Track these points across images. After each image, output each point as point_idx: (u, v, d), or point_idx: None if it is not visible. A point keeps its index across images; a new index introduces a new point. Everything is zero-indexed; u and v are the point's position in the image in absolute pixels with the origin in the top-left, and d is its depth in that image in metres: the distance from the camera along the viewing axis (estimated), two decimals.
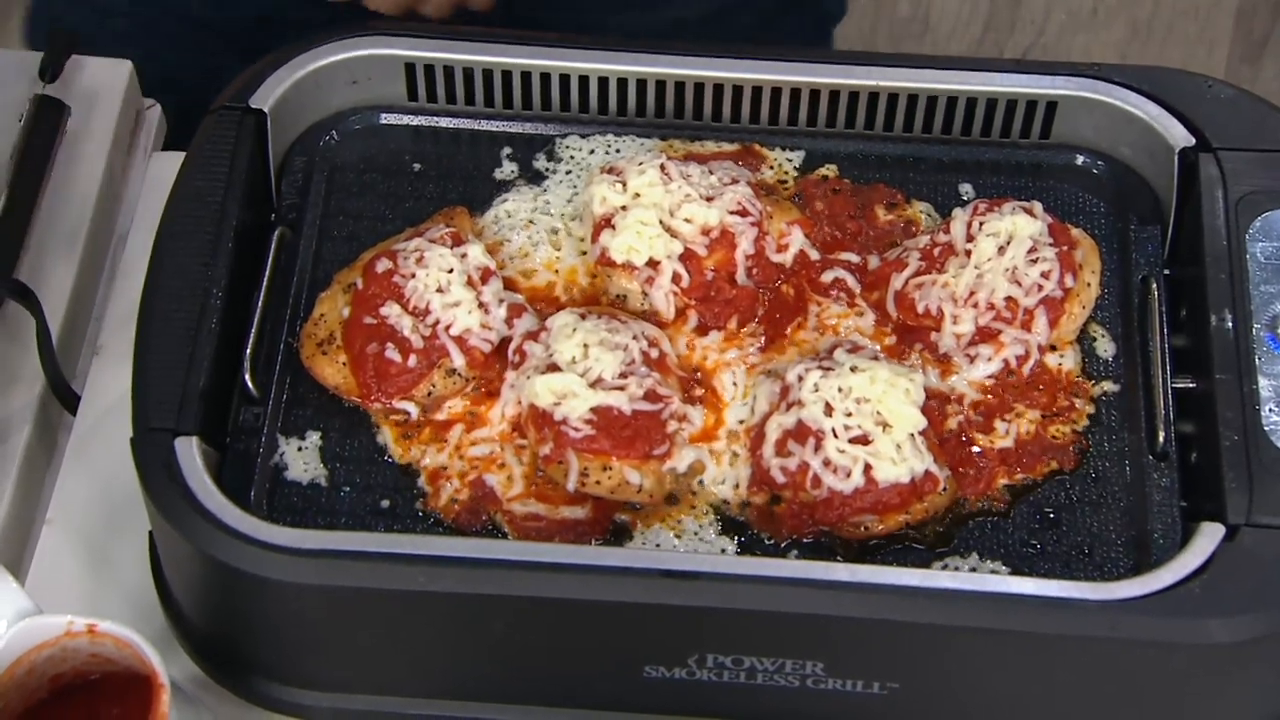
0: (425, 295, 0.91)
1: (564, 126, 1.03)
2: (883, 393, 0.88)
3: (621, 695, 0.90)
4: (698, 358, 0.95)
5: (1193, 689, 0.86)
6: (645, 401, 0.89)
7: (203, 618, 0.92)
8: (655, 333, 0.93)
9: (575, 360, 0.90)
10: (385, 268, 0.93)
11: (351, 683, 0.91)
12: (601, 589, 0.83)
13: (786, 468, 0.88)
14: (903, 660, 0.86)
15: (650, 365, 0.91)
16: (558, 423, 0.88)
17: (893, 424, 0.88)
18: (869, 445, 0.87)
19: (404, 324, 0.91)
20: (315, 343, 0.93)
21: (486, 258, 0.94)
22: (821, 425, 0.88)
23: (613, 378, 0.89)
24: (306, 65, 1.00)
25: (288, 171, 1.01)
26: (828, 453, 0.87)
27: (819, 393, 0.89)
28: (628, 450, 0.88)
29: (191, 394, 0.88)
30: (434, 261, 0.92)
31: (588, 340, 0.90)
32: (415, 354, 0.90)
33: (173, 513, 0.85)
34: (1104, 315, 0.96)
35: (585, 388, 0.89)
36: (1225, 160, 0.95)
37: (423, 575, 0.83)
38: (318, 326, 0.93)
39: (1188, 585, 0.82)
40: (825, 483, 0.87)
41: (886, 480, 0.87)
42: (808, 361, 0.91)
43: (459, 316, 0.91)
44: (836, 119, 1.02)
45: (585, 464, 0.88)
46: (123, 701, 0.84)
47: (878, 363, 0.91)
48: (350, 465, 0.92)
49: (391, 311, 0.91)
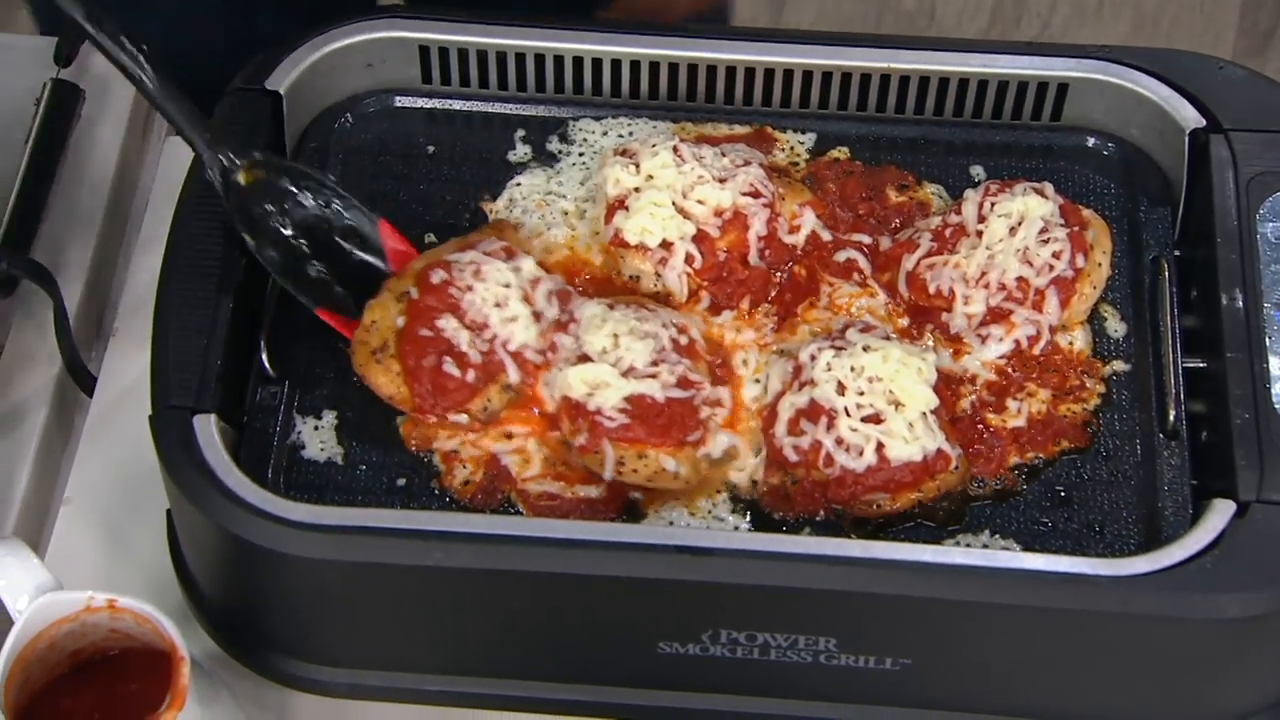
0: (483, 309, 0.90)
1: (577, 109, 1.03)
2: (895, 371, 0.89)
3: (636, 671, 0.90)
4: (714, 337, 0.95)
5: (1204, 664, 0.86)
6: (678, 388, 0.89)
7: (220, 594, 0.92)
8: (684, 320, 0.93)
9: (606, 350, 0.89)
10: (441, 279, 0.91)
11: (367, 658, 0.91)
12: (615, 565, 0.84)
13: (799, 446, 0.88)
14: (915, 636, 0.86)
15: (680, 352, 0.91)
16: (592, 413, 0.88)
17: (905, 403, 0.88)
18: (881, 424, 0.88)
19: (461, 338, 0.89)
20: (369, 350, 0.90)
21: (539, 270, 0.93)
22: (834, 404, 0.88)
23: (644, 366, 0.89)
24: (322, 48, 1.00)
25: (303, 154, 1.01)
26: (840, 431, 0.87)
27: (831, 372, 0.89)
28: (663, 438, 0.88)
29: (210, 373, 0.88)
30: (491, 275, 0.91)
31: (617, 330, 0.90)
32: (473, 368, 0.89)
33: (191, 489, 0.85)
34: (1115, 295, 0.96)
35: (618, 377, 0.88)
36: (1236, 141, 0.95)
37: (438, 551, 0.84)
38: (370, 334, 0.91)
39: (1199, 561, 0.82)
40: (838, 461, 0.87)
41: (899, 459, 0.87)
42: (820, 341, 0.91)
43: (516, 332, 0.90)
44: (848, 101, 1.02)
45: (621, 453, 0.88)
46: (142, 677, 0.84)
47: (890, 342, 0.91)
48: (366, 444, 0.92)
49: (449, 325, 0.89)
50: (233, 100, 0.97)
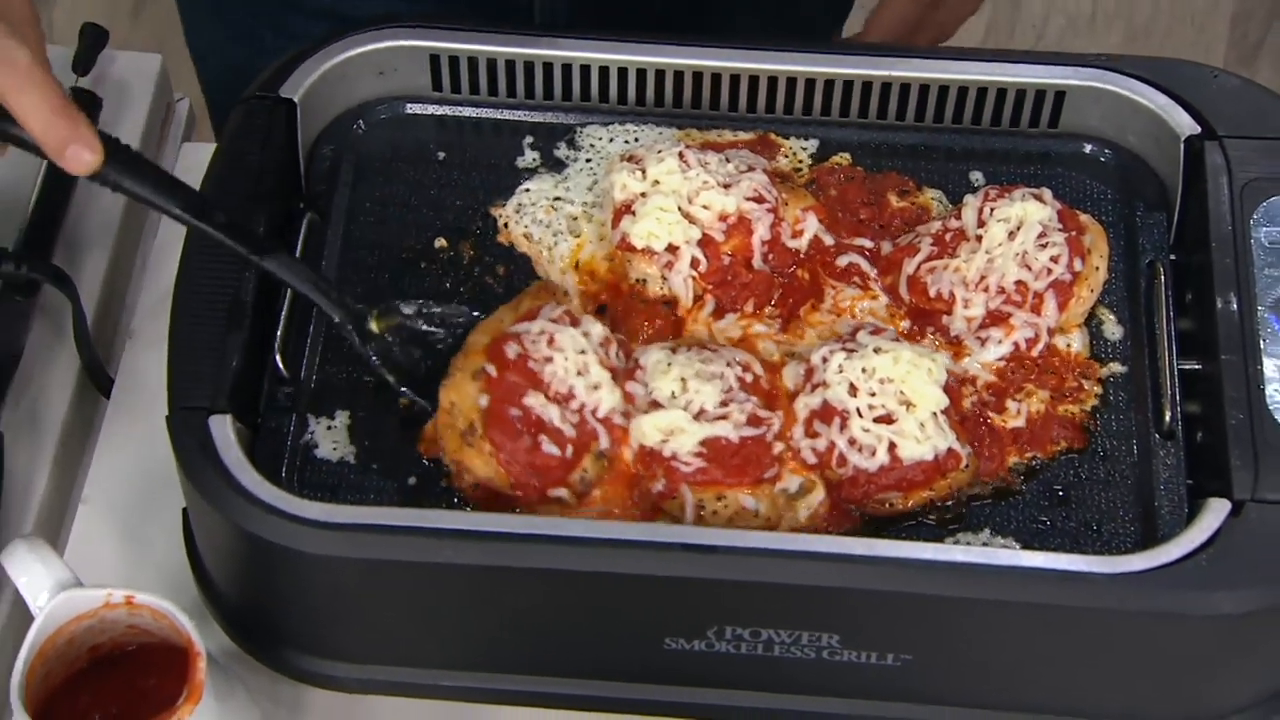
0: (567, 380, 0.88)
1: (584, 116, 1.03)
2: (906, 373, 0.89)
3: (642, 667, 0.90)
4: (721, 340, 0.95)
5: (1199, 660, 0.86)
6: (749, 426, 0.88)
7: (235, 591, 0.92)
8: (746, 357, 0.92)
9: (675, 395, 0.88)
10: (516, 353, 0.88)
11: (379, 654, 0.91)
12: (622, 562, 0.84)
13: (816, 448, 0.88)
14: (917, 632, 0.86)
15: (747, 389, 0.90)
16: (667, 459, 0.87)
17: (916, 403, 0.88)
18: (893, 424, 0.88)
19: (551, 413, 0.87)
20: (457, 434, 0.88)
21: (605, 329, 0.91)
22: (846, 405, 0.88)
23: (715, 407, 0.88)
24: (335, 56, 1.00)
25: (316, 159, 1.02)
26: (853, 432, 0.87)
27: (843, 374, 0.89)
28: (740, 477, 0.87)
29: (225, 374, 0.88)
30: (567, 344, 0.89)
31: (684, 374, 0.89)
32: (570, 443, 0.87)
33: (207, 488, 0.85)
34: (1111, 299, 0.97)
35: (690, 421, 0.87)
36: (1230, 148, 0.95)
37: (449, 548, 0.84)
38: (453, 417, 0.88)
39: (1194, 559, 0.82)
40: (851, 461, 0.87)
41: (911, 458, 0.87)
42: (832, 343, 0.91)
43: (604, 398, 0.88)
44: (850, 108, 1.03)
45: (700, 496, 0.87)
46: (159, 672, 0.85)
47: (900, 344, 0.91)
48: (378, 444, 0.92)
49: (536, 402, 0.87)
50: (248, 107, 0.98)
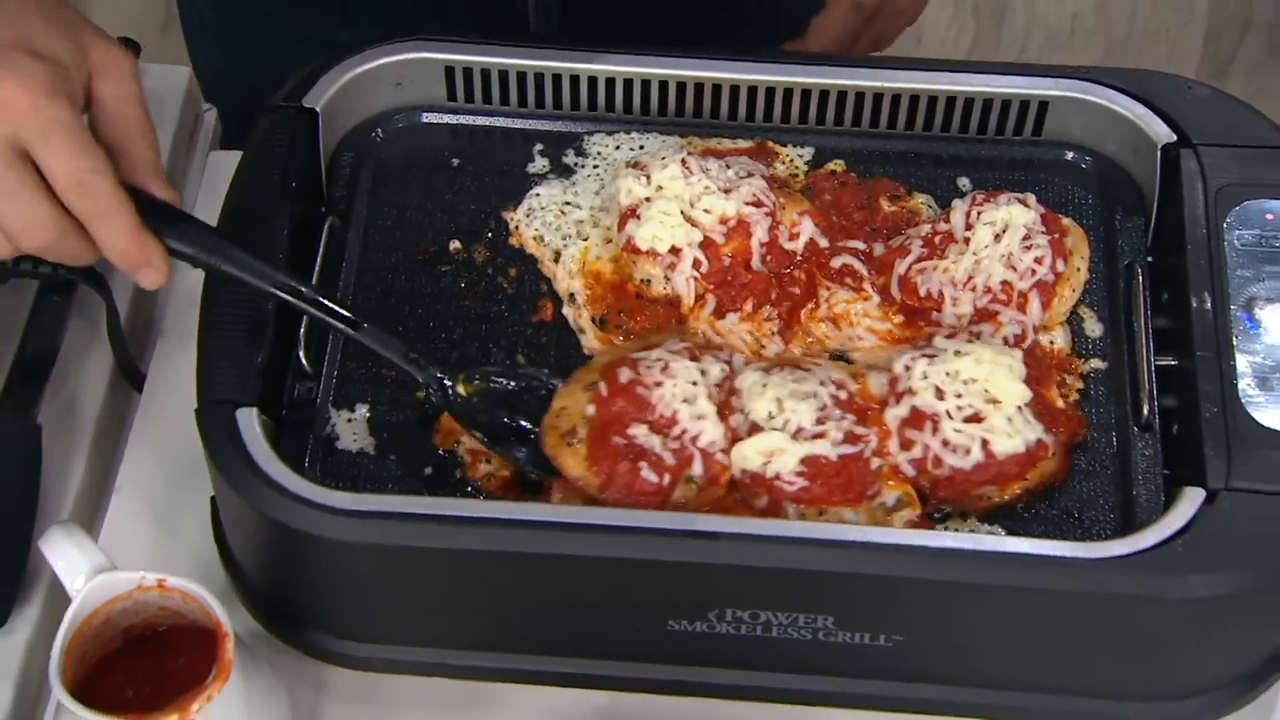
0: (672, 404, 0.87)
1: (591, 125, 1.03)
2: (989, 371, 0.87)
3: (647, 647, 0.90)
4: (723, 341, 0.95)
5: (1175, 641, 0.86)
6: (847, 444, 0.87)
7: (261, 575, 0.92)
8: (840, 375, 0.90)
9: (772, 415, 0.87)
10: (628, 377, 0.88)
11: (397, 635, 0.91)
12: (629, 548, 0.84)
13: (913, 458, 0.87)
14: (908, 614, 0.86)
15: (842, 407, 0.88)
16: (770, 480, 0.86)
17: (1001, 399, 0.87)
18: (983, 422, 0.86)
19: (653, 443, 0.87)
20: (559, 434, 0.89)
21: (725, 369, 0.90)
22: (936, 409, 0.87)
23: (812, 426, 0.87)
24: (355, 68, 1.00)
25: (337, 166, 1.01)
26: (945, 434, 0.86)
27: (928, 379, 0.87)
28: (841, 496, 0.86)
29: (251, 369, 0.88)
30: (680, 373, 0.88)
31: (779, 394, 0.88)
32: (668, 471, 0.86)
33: (234, 477, 0.85)
34: (1092, 298, 0.96)
35: (790, 442, 0.86)
36: (1204, 155, 0.95)
37: (464, 535, 0.84)
38: (559, 419, 0.89)
39: (1171, 545, 0.82)
40: (947, 462, 0.86)
41: (1004, 452, 0.86)
42: (911, 351, 0.90)
43: (706, 429, 0.88)
44: (844, 118, 1.03)
45: (803, 512, 0.86)
46: (189, 652, 0.84)
47: (977, 343, 0.89)
48: (396, 436, 0.92)
49: (639, 432, 0.87)
50: (273, 116, 0.97)
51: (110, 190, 0.82)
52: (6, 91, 0.79)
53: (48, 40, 0.82)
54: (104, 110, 0.85)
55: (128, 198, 0.83)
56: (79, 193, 0.81)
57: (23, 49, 0.81)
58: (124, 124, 0.86)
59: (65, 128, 0.80)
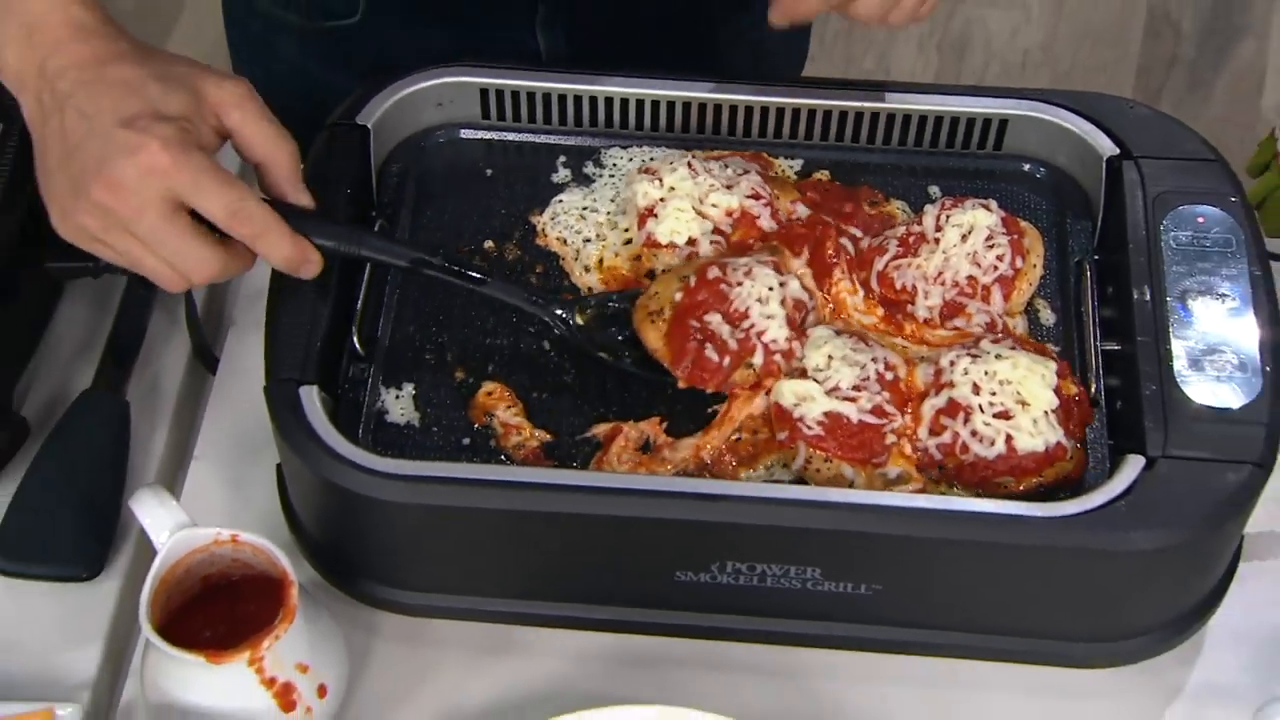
0: (747, 301, 0.88)
1: (608, 140, 1.04)
2: (1023, 377, 0.87)
3: (657, 595, 0.90)
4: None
5: (1118, 589, 0.87)
6: (872, 415, 0.86)
7: (320, 532, 0.93)
8: (896, 360, 0.90)
9: (820, 368, 0.88)
10: (715, 275, 0.89)
11: (438, 584, 0.92)
12: (643, 508, 0.84)
13: (943, 444, 0.87)
14: (885, 566, 0.86)
15: (883, 385, 0.88)
16: (795, 419, 0.87)
17: (1030, 403, 0.86)
18: (1010, 420, 0.86)
19: (724, 330, 0.88)
20: (646, 312, 0.90)
21: (804, 294, 0.91)
22: (970, 402, 0.86)
23: (848, 389, 0.87)
24: (402, 90, 1.01)
25: (386, 175, 1.02)
26: (975, 425, 0.86)
27: (968, 375, 0.87)
28: (850, 454, 0.86)
29: (312, 352, 0.88)
30: (760, 277, 0.89)
31: (833, 353, 0.88)
32: (730, 355, 0.87)
33: (298, 446, 0.85)
34: (1046, 291, 0.97)
35: (822, 394, 0.87)
36: (1144, 166, 0.95)
37: (498, 497, 0.84)
38: (650, 300, 0.91)
39: (1115, 505, 0.83)
40: (972, 450, 0.86)
41: (1024, 449, 0.85)
42: (958, 349, 0.90)
43: (771, 327, 0.88)
44: (829, 133, 1.03)
45: (810, 454, 0.87)
46: (258, 598, 0.84)
47: (1017, 351, 0.89)
48: (438, 410, 0.92)
49: (714, 320, 0.88)
50: (331, 132, 0.98)
51: (261, 212, 0.83)
52: (149, 157, 0.80)
53: (167, 101, 0.83)
54: (239, 137, 0.86)
55: (275, 213, 0.84)
56: (237, 220, 0.83)
57: (150, 116, 0.81)
58: (259, 143, 0.86)
59: (207, 172, 0.81)
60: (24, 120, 0.85)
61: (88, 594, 0.93)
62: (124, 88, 0.82)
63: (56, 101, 0.82)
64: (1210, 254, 0.91)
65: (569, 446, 0.90)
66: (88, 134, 0.81)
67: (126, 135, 0.80)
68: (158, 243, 0.82)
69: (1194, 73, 2.44)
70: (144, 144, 0.80)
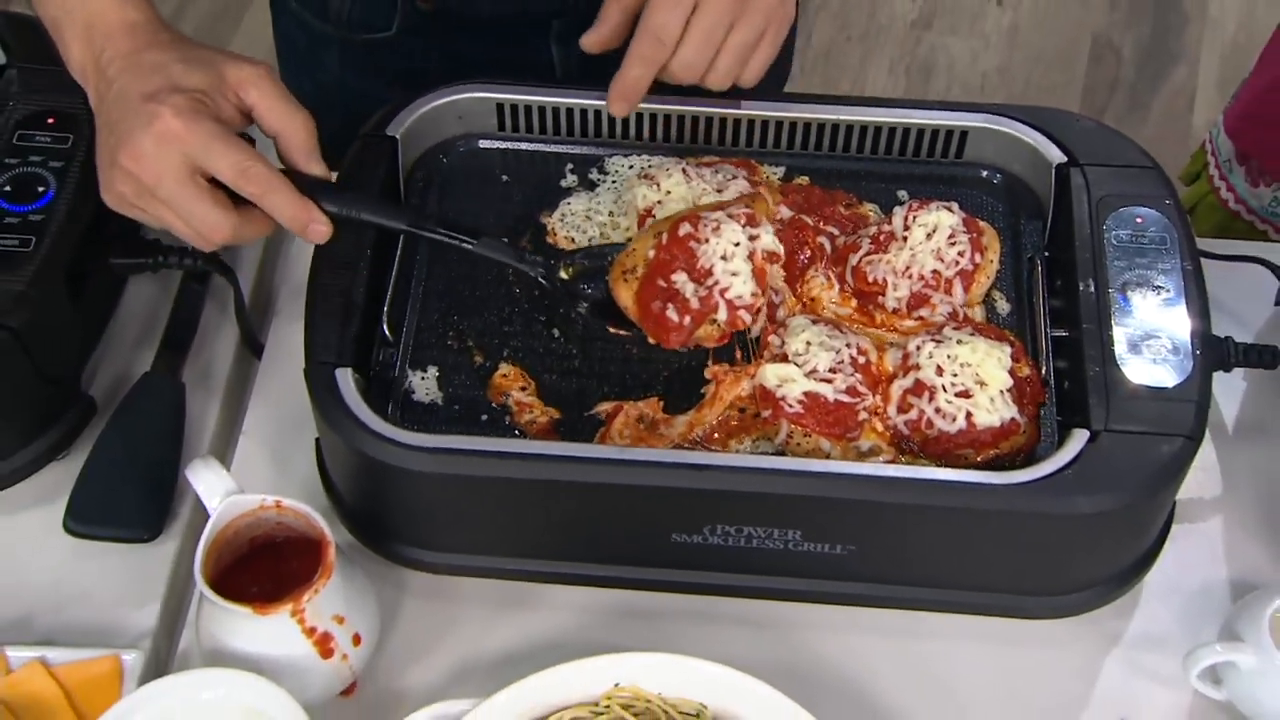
0: (712, 259, 0.86)
1: (611, 149, 1.02)
2: (981, 360, 0.86)
3: (654, 554, 0.90)
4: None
5: (1065, 548, 0.86)
6: (846, 395, 0.86)
7: (354, 498, 0.92)
8: (866, 344, 0.89)
9: (799, 353, 0.87)
10: (686, 231, 0.86)
11: (460, 545, 0.91)
12: (643, 476, 0.83)
13: (910, 420, 0.86)
14: (858, 528, 0.86)
15: (855, 368, 0.87)
16: (778, 399, 0.86)
17: (988, 383, 0.86)
18: (970, 399, 0.85)
19: (688, 289, 0.85)
20: (621, 270, 0.88)
21: (776, 244, 0.88)
22: (934, 382, 0.86)
23: (825, 371, 0.86)
24: (427, 104, 1.00)
25: (412, 181, 1.01)
26: (939, 403, 0.85)
27: (932, 358, 0.86)
28: (827, 429, 0.86)
29: (347, 338, 0.88)
30: (726, 234, 0.87)
31: (811, 339, 0.87)
32: (691, 314, 0.85)
33: (335, 422, 0.85)
34: (1002, 284, 0.96)
35: (802, 376, 0.86)
36: (1089, 173, 0.94)
37: (513, 467, 0.83)
38: (627, 257, 0.88)
39: (1063, 473, 0.82)
40: (937, 425, 0.85)
41: (983, 424, 0.85)
42: (924, 336, 0.89)
43: (735, 284, 0.86)
44: (809, 143, 1.02)
45: (791, 430, 0.86)
46: (299, 557, 0.84)
47: (976, 337, 0.88)
48: (459, 390, 0.92)
49: (680, 279, 0.86)
50: (364, 142, 0.97)
51: (268, 172, 0.82)
52: (163, 124, 0.79)
53: (187, 76, 0.82)
54: (257, 111, 0.85)
55: (282, 175, 0.83)
56: (245, 179, 0.81)
57: (168, 89, 0.81)
58: (274, 118, 0.85)
59: (217, 136, 0.80)
60: (89, 131, 0.84)
61: (149, 554, 0.92)
62: (151, 68, 0.82)
63: (106, 87, 0.82)
64: (1147, 251, 0.90)
65: (576, 423, 0.90)
66: (121, 111, 0.80)
67: (146, 106, 0.79)
68: (176, 205, 0.81)
69: (1134, 94, 2.44)
70: (158, 113, 0.79)
